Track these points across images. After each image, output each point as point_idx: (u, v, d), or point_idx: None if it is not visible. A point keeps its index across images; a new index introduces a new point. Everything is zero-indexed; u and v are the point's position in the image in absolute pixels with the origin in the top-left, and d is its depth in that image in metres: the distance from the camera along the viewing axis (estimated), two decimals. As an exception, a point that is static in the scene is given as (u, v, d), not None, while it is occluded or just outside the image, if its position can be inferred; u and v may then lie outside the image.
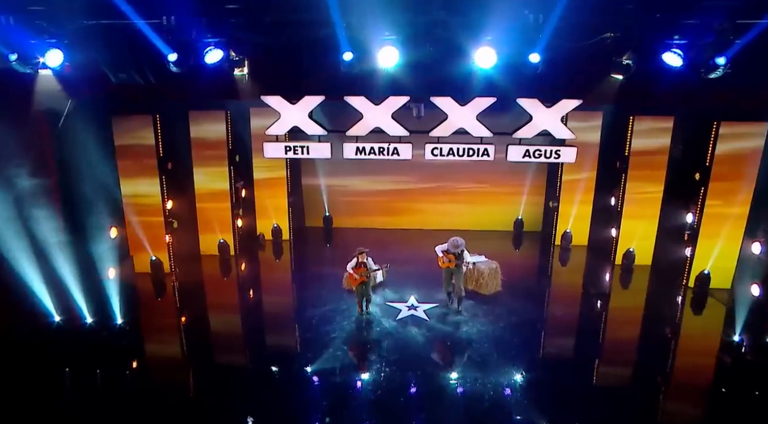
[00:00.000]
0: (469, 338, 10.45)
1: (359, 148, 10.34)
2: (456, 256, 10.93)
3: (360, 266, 10.82)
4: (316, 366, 9.48)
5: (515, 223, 16.75)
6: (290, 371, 9.51)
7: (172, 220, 13.37)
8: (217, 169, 14.18)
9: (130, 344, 10.11)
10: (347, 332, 10.67)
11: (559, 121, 10.02)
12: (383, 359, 9.71)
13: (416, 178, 16.64)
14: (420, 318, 11.19)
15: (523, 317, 11.31)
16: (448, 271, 11.19)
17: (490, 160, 10.37)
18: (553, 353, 10.50)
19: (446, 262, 11.01)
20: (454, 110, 9.88)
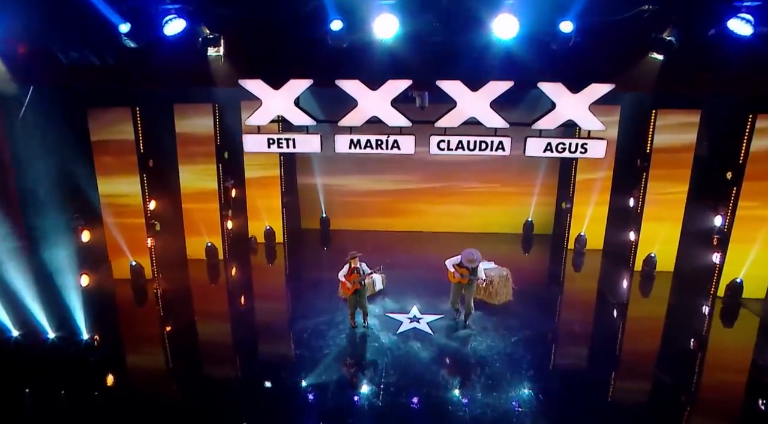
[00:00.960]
0: (479, 355, 9.21)
1: (353, 141, 8.88)
2: (469, 270, 9.64)
3: (353, 273, 9.57)
4: (304, 388, 8.27)
5: (525, 225, 15.49)
6: (274, 393, 8.30)
7: (155, 222, 12.15)
8: (204, 167, 13.00)
9: (101, 360, 8.88)
10: (341, 347, 9.45)
11: (587, 109, 8.54)
12: (381, 380, 8.49)
13: (419, 178, 15.40)
14: (423, 332, 9.94)
15: (537, 330, 10.08)
16: (458, 286, 9.92)
17: (503, 156, 9.06)
18: (570, 371, 9.25)
19: (458, 277, 9.72)
20: (465, 96, 8.46)
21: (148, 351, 9.79)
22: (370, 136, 8.82)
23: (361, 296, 9.80)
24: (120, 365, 9.06)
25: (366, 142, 8.79)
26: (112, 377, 8.68)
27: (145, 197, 11.88)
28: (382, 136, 8.81)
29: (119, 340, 9.90)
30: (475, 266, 9.64)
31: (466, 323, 10.17)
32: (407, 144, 8.90)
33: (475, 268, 9.69)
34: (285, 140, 8.95)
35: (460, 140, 8.84)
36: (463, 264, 9.67)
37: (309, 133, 9.12)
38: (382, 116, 8.69)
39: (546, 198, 15.25)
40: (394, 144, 8.77)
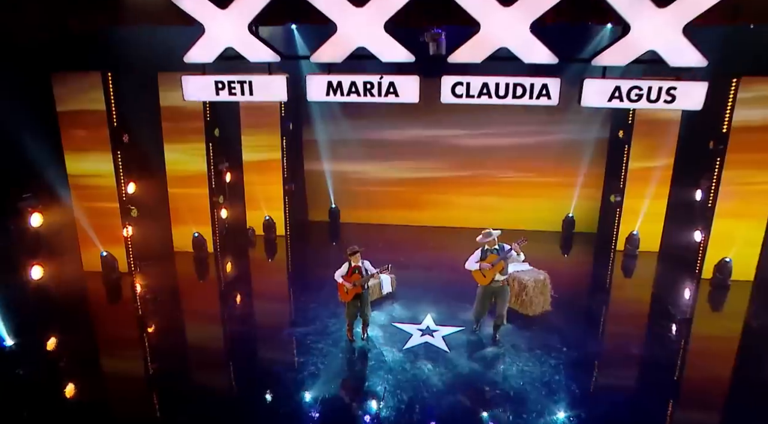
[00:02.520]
0: (507, 383, 6.97)
1: (332, 84, 6.34)
2: (496, 254, 7.48)
3: (354, 273, 7.48)
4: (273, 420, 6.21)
5: (564, 222, 13.10)
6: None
7: (131, 207, 10.31)
8: (192, 146, 11.11)
9: (28, 371, 7.04)
10: (333, 366, 7.38)
11: (679, 33, 5.63)
12: (376, 413, 6.33)
13: (444, 165, 13.23)
14: (436, 348, 7.78)
15: (581, 350, 7.79)
16: (487, 290, 7.72)
17: (543, 141, 6.78)
18: (624, 406, 6.84)
19: (488, 269, 7.53)
20: (493, 16, 5.81)
21: (98, 361, 7.89)
22: (356, 77, 6.23)
23: (363, 303, 7.71)
24: (54, 378, 7.17)
25: (350, 85, 6.22)
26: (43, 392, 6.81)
27: (119, 178, 10.07)
28: (372, 77, 6.17)
29: (57, 347, 8.00)
30: (505, 251, 7.48)
31: (495, 336, 7.96)
32: (408, 88, 6.22)
33: (507, 252, 7.49)
34: (239, 84, 6.45)
35: (486, 82, 6.20)
36: (486, 252, 7.49)
37: (272, 74, 6.56)
38: (371, 47, 6.14)
39: (590, 190, 12.82)
40: (390, 88, 6.22)
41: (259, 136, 12.17)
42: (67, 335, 8.15)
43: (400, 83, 6.23)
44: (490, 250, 7.64)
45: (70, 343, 8.00)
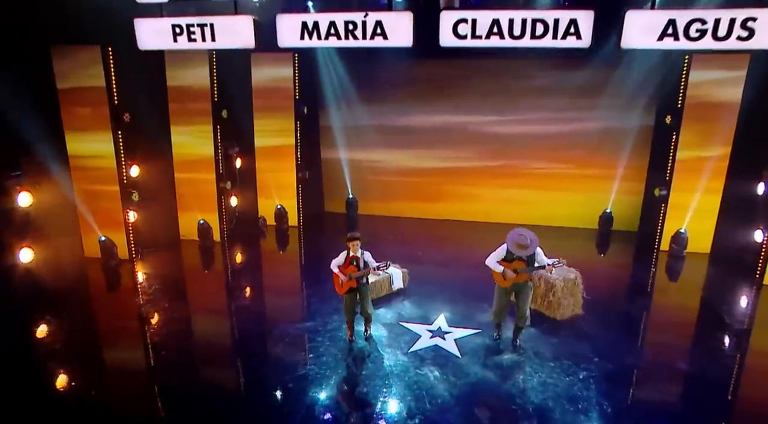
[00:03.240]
0: (526, 398, 5.88)
1: (308, 25, 5.24)
2: (525, 262, 6.40)
3: (351, 264, 6.54)
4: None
5: (601, 218, 11.79)
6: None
7: (132, 191, 9.68)
8: (199, 128, 10.42)
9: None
10: (325, 367, 6.44)
11: None
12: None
13: (471, 154, 12.19)
14: (447, 353, 6.74)
15: (617, 362, 6.60)
16: (505, 290, 6.70)
17: (581, 130, 5.85)
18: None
19: (510, 276, 6.49)
20: None
21: (82, 353, 7.15)
22: (335, 16, 5.06)
23: (362, 297, 6.77)
24: (32, 370, 6.51)
25: (328, 27, 5.06)
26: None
27: (119, 159, 9.46)
28: (355, 15, 4.97)
29: (45, 335, 7.38)
30: (530, 253, 6.36)
31: (516, 341, 6.88)
32: (399, 29, 4.98)
33: (531, 256, 6.42)
34: (199, 28, 5.50)
35: (496, 19, 4.87)
36: (512, 254, 6.41)
37: (237, 14, 5.47)
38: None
39: (631, 184, 11.49)
40: (377, 30, 4.93)
41: (272, 120, 11.42)
42: (49, 323, 7.53)
43: (390, 22, 4.97)
44: (519, 257, 6.54)
45: (53, 332, 7.37)
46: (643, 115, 10.98)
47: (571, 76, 10.82)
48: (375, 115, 12.15)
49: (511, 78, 11.42)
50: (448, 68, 11.62)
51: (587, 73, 10.65)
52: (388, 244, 10.74)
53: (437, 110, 11.99)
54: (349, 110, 12.14)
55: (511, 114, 11.72)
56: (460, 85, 11.72)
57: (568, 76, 10.85)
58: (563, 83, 11.00)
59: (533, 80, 11.31)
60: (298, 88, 11.21)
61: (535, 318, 7.64)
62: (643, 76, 10.44)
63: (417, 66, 11.63)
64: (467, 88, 11.72)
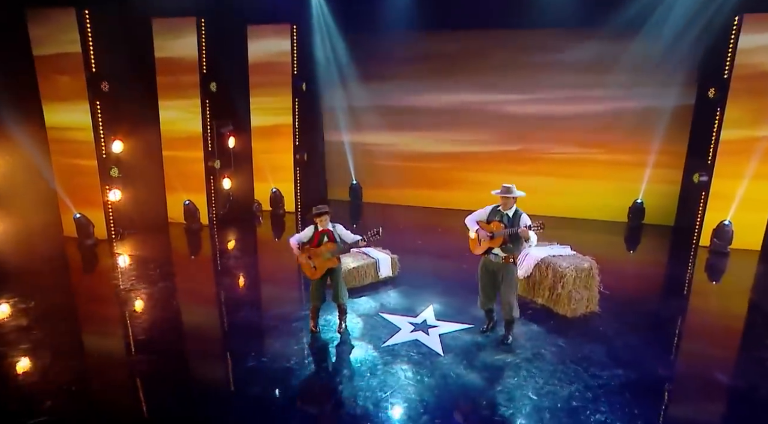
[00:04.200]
0: (514, 407, 4.64)
1: None
2: (505, 224, 5.22)
3: (322, 239, 5.50)
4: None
5: (631, 210, 10.31)
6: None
7: (112, 166, 8.94)
8: (191, 102, 9.62)
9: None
10: (277, 363, 5.34)
11: None
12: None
13: (487, 137, 11.00)
14: (427, 349, 5.57)
15: (636, 371, 5.26)
16: (488, 266, 5.48)
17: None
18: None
19: (485, 239, 5.29)
20: None
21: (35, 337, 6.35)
22: None
23: (335, 281, 5.70)
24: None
25: None
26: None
27: (97, 132, 8.73)
28: None
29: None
30: (514, 195, 5.30)
31: (507, 338, 5.65)
32: None
33: (513, 217, 5.27)
34: None
35: None
36: (496, 215, 5.33)
37: None
38: None
39: (665, 171, 10.01)
40: None
41: (269, 98, 10.54)
42: (7, 303, 6.76)
43: None
44: (502, 214, 5.38)
45: (9, 314, 6.59)
46: (683, 93, 9.52)
47: (600, 49, 9.53)
48: (380, 95, 11.13)
49: (532, 52, 10.17)
50: (461, 42, 10.49)
51: (619, 46, 9.34)
52: (386, 231, 9.66)
53: (449, 89, 10.85)
54: (351, 89, 11.15)
55: (531, 92, 10.45)
56: (475, 60, 10.55)
57: (598, 49, 9.55)
58: (591, 57, 9.68)
59: (558, 54, 10.02)
60: (296, 62, 10.29)
61: (542, 315, 6.39)
62: (684, 46, 9.01)
63: (426, 39, 10.56)
64: (483, 64, 10.53)
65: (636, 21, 9.07)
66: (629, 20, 9.07)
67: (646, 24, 9.09)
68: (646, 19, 9.06)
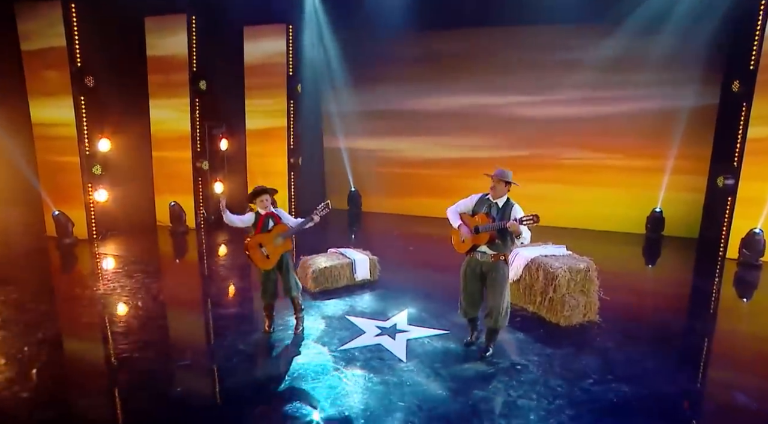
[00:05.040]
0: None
1: None
2: (493, 216, 4.51)
3: (266, 225, 4.89)
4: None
5: (649, 220, 9.31)
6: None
7: (95, 164, 8.63)
8: (181, 102, 9.30)
9: None
10: (224, 364, 4.67)
11: None
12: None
13: (494, 142, 10.27)
14: (389, 355, 4.80)
15: (637, 388, 4.31)
16: (473, 267, 4.69)
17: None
18: None
19: (466, 236, 4.57)
20: None
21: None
22: None
23: (284, 272, 5.05)
24: None
25: None
26: None
27: (81, 128, 8.45)
28: None
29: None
30: (499, 197, 4.58)
31: (488, 349, 4.80)
32: None
33: (502, 208, 4.53)
34: None
35: None
36: (482, 201, 4.63)
37: None
38: None
39: (688, 178, 9.03)
40: None
41: (264, 100, 10.14)
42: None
43: None
44: (491, 204, 4.63)
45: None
46: (706, 91, 8.63)
47: (616, 46, 8.79)
48: (380, 98, 10.61)
49: (542, 50, 9.46)
50: (466, 41, 9.92)
51: (636, 41, 8.60)
52: (375, 238, 8.99)
53: (454, 91, 10.24)
54: (350, 93, 10.66)
55: (541, 94, 9.72)
56: (482, 60, 9.93)
57: (613, 46, 8.82)
58: (606, 56, 8.94)
59: (570, 52, 9.30)
60: (292, 63, 9.89)
61: (532, 323, 5.53)
62: (705, 38, 8.18)
63: (429, 39, 10.06)
64: (490, 64, 9.89)
65: (653, 15, 8.34)
66: (645, 15, 8.35)
67: (664, 18, 8.32)
68: (664, 13, 8.30)
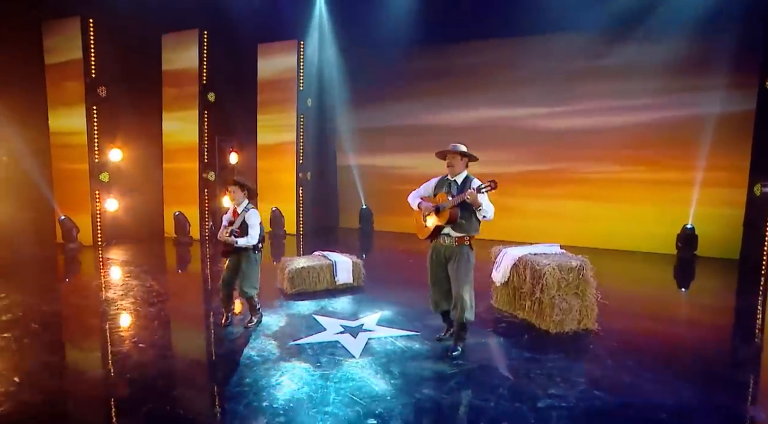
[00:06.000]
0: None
1: None
2: (453, 194, 4.11)
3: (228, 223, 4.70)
4: None
5: (680, 238, 8.34)
6: None
7: (103, 171, 8.77)
8: (190, 113, 9.44)
9: None
10: (161, 353, 4.30)
11: None
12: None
13: (511, 157, 9.71)
14: (343, 352, 4.26)
15: (623, 400, 3.52)
16: (438, 253, 4.29)
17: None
18: None
19: (431, 215, 4.18)
20: None
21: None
22: None
23: (242, 268, 4.69)
24: None
25: None
26: None
27: (92, 136, 8.66)
28: None
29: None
30: (458, 173, 4.22)
31: (455, 347, 4.19)
32: None
33: (461, 185, 4.13)
34: None
35: None
36: (443, 182, 4.29)
37: None
38: None
39: (723, 191, 8.09)
40: None
41: (275, 115, 10.15)
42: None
43: None
44: (450, 182, 4.20)
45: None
46: (742, 96, 7.80)
47: (638, 51, 8.25)
48: (393, 114, 10.37)
49: (562, 59, 8.95)
50: (480, 53, 9.62)
51: (661, 45, 8.04)
52: (379, 255, 8.53)
53: (469, 105, 9.86)
54: (362, 108, 10.50)
55: (563, 104, 9.16)
56: (498, 72, 9.55)
57: (635, 51, 8.28)
58: (628, 61, 8.39)
59: (591, 61, 8.77)
60: (302, 78, 9.90)
61: (518, 328, 4.85)
62: (742, 38, 7.52)
63: (441, 52, 9.83)
64: (506, 76, 9.48)
65: (678, 16, 7.77)
66: (670, 17, 7.80)
67: (690, 19, 7.72)
68: (690, 13, 7.71)
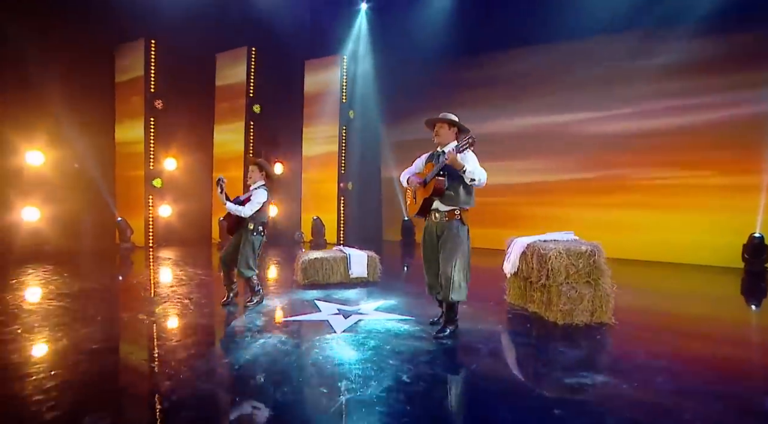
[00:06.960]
0: (387, 400, 2.96)
1: None
2: (435, 174, 3.87)
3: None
4: None
5: (747, 248, 7.39)
6: None
7: (157, 177, 9.40)
8: (238, 125, 9.96)
9: None
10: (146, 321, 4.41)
11: None
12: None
13: (557, 164, 9.31)
14: (326, 329, 4.14)
15: (621, 383, 3.06)
16: (431, 232, 4.07)
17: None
18: None
19: (419, 188, 4.01)
20: None
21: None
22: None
23: (243, 243, 4.76)
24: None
25: None
26: None
27: (148, 145, 9.34)
28: None
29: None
30: (448, 143, 4.00)
31: (444, 330, 3.93)
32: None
33: (441, 154, 3.95)
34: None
35: None
36: (433, 156, 4.10)
37: None
38: None
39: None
40: None
41: (319, 127, 10.44)
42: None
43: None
44: (438, 154, 4.07)
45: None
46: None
47: (693, 47, 7.67)
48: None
49: (614, 60, 8.47)
50: (525, 60, 9.41)
51: (718, 39, 7.44)
52: (416, 261, 8.29)
53: (511, 113, 9.60)
54: (408, 120, 10.49)
55: (613, 107, 8.63)
56: (542, 78, 9.23)
57: (690, 48, 7.70)
58: (682, 58, 7.81)
59: (644, 60, 8.25)
60: (345, 91, 10.15)
61: (524, 320, 4.47)
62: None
63: (484, 62, 9.74)
64: (554, 81, 9.12)
65: (736, 5, 7.17)
66: (727, 7, 7.22)
67: (750, 8, 7.10)
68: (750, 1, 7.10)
